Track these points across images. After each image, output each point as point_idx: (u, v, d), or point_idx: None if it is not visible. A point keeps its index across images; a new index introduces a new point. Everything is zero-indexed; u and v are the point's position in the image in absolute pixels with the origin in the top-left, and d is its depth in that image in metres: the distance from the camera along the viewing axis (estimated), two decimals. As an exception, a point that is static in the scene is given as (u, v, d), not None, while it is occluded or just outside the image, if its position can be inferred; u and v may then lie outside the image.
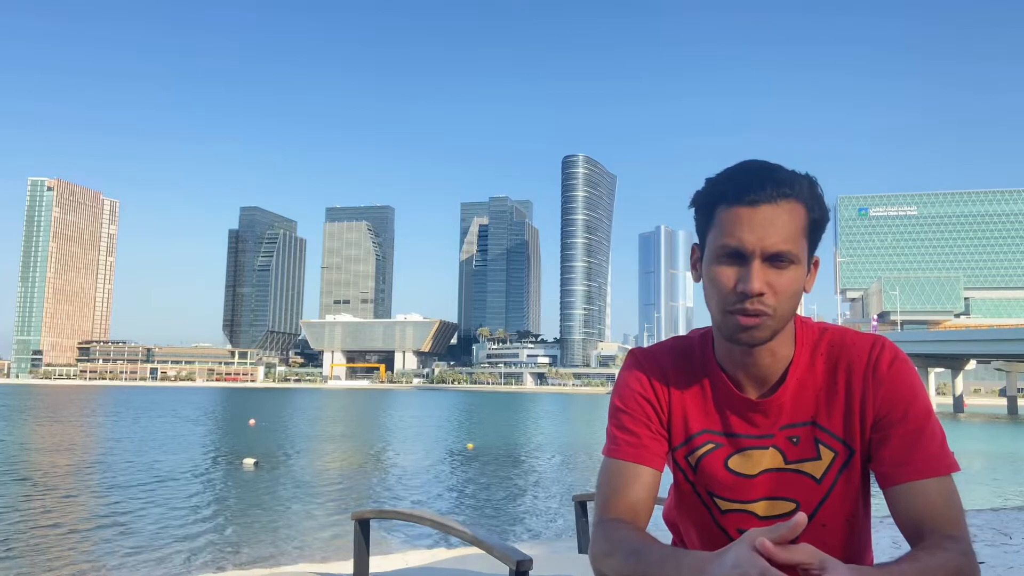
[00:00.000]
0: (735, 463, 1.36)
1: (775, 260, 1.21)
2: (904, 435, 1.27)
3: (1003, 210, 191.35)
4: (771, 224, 1.20)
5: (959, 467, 1.26)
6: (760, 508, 1.35)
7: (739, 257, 1.22)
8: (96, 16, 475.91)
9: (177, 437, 30.60)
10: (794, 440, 1.34)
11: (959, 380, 76.33)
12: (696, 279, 1.34)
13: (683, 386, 1.40)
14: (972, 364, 79.84)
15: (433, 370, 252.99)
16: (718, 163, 1.29)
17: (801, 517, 0.98)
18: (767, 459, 1.34)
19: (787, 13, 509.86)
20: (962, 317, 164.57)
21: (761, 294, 1.21)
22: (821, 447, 1.33)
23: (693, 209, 1.31)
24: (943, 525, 1.20)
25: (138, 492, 15.48)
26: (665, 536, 1.50)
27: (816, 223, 1.25)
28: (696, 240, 1.34)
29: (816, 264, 1.31)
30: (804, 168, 1.28)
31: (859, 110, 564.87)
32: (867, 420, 1.31)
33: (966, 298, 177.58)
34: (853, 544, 1.37)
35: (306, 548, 10.34)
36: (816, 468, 1.33)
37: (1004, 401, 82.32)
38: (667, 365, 1.42)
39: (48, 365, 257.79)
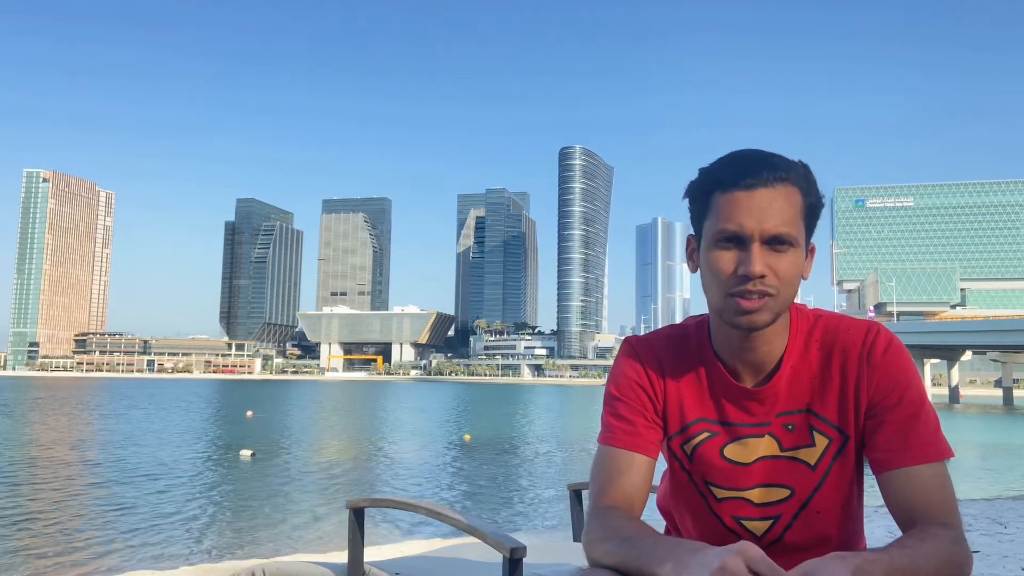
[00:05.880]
0: (731, 451, 1.35)
1: (775, 243, 1.21)
2: (898, 421, 1.26)
3: (1000, 201, 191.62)
4: (769, 207, 1.20)
5: (953, 453, 1.25)
6: (755, 495, 1.35)
7: (738, 241, 1.22)
8: (92, 10, 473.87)
9: (174, 429, 30.52)
10: (789, 427, 1.33)
11: (955, 371, 76.79)
12: (693, 270, 1.33)
13: (679, 374, 1.39)
14: (968, 355, 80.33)
15: (431, 362, 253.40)
16: (715, 155, 1.31)
17: None
18: (763, 447, 1.34)
19: (784, 2, 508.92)
20: (958, 308, 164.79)
21: (763, 276, 1.20)
22: (816, 434, 1.32)
23: (688, 200, 1.30)
24: (936, 512, 1.20)
25: (133, 483, 15.46)
26: (660, 523, 1.48)
27: (812, 208, 1.26)
28: (692, 232, 1.33)
29: (812, 251, 1.31)
30: (800, 159, 1.30)
31: (856, 101, 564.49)
32: (861, 406, 1.30)
33: (962, 289, 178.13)
34: (847, 530, 1.37)
35: (301, 538, 10.33)
36: (811, 455, 1.32)
37: (1000, 392, 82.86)
38: (663, 353, 1.41)
39: (45, 357, 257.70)
